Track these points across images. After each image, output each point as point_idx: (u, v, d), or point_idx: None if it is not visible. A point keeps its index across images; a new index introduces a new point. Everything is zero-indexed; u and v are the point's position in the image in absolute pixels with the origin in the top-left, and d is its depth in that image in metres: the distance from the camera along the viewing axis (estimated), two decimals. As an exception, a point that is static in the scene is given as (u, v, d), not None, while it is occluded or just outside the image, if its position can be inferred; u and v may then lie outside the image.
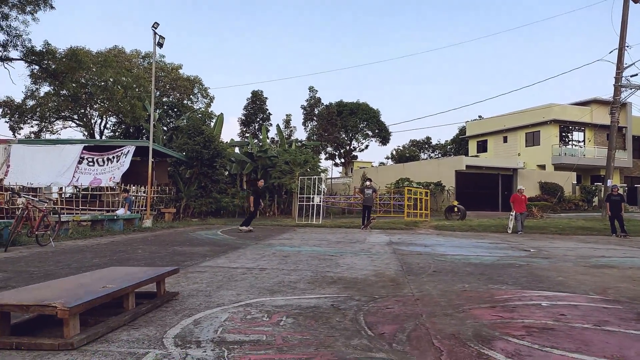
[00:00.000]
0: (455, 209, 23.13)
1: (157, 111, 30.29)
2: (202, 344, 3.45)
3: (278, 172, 23.21)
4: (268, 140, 35.53)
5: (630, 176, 38.62)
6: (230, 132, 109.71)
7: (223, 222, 19.43)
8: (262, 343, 3.49)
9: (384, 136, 50.83)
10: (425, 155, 58.50)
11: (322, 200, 20.41)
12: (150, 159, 17.52)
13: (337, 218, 24.04)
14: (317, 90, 50.05)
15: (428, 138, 59.64)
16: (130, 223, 15.19)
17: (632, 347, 3.58)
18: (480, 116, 47.08)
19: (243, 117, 45.46)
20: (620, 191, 17.13)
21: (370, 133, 50.84)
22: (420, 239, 13.34)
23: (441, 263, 8.16)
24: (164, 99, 37.04)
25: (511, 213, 16.60)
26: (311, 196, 19.64)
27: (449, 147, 55.72)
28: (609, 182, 21.34)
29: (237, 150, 29.31)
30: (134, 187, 19.13)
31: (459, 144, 51.78)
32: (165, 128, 31.46)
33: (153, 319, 4.14)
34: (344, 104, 50.11)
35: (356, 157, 53.45)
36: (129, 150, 18.21)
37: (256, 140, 37.61)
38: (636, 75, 24.54)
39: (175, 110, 35.07)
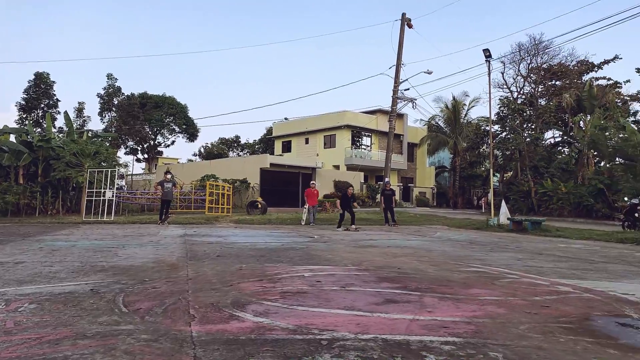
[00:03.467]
0: (259, 205, 23.86)
1: None
2: None
3: (63, 164, 20.58)
4: (55, 130, 31.28)
5: (405, 177, 45.39)
6: (7, 118, 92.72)
7: (-13, 221, 16.34)
8: (-16, 330, 3.04)
9: (191, 132, 49.50)
10: (234, 153, 59.03)
11: (114, 194, 18.81)
12: None
13: (136, 215, 22.51)
14: (117, 79, 45.88)
15: (237, 137, 60.29)
16: None
17: (363, 300, 4.21)
18: (286, 118, 49.56)
19: (23, 102, 39.08)
20: (401, 190, 19.96)
21: (177, 128, 48.93)
22: (217, 231, 13.39)
23: (228, 249, 8.32)
24: None
25: (305, 206, 17.89)
26: (102, 191, 17.93)
27: (257, 146, 57.25)
28: (386, 180, 24.74)
29: (12, 138, 25.01)
30: None
31: (266, 143, 53.62)
32: None
33: None
34: (149, 96, 47.18)
35: (161, 152, 50.88)
36: None
37: (40, 130, 32.75)
38: (408, 89, 29.04)
39: None
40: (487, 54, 18.23)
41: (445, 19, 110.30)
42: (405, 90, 28.60)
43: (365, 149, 43.07)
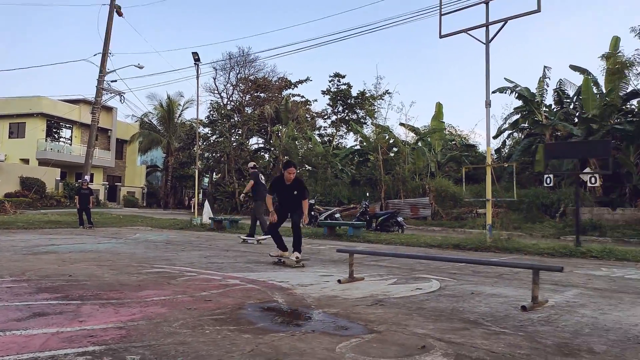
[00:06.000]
0: None
1: None
2: None
3: None
4: None
5: (112, 175, 42.20)
6: None
7: None
8: None
9: None
10: None
11: None
12: None
13: None
14: None
15: None
16: None
17: (1, 317, 3.56)
18: (-46, 96, 39.12)
19: None
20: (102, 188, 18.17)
21: None
22: None
23: None
24: None
25: (-31, 207, 14.44)
26: None
27: None
28: (87, 178, 22.40)
29: None
30: None
31: None
32: None
33: None
34: None
35: None
36: None
37: None
38: (116, 81, 27.13)
39: None
40: (196, 57, 18.66)
41: (162, 16, 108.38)
42: (112, 81, 26.68)
43: (65, 142, 38.13)
